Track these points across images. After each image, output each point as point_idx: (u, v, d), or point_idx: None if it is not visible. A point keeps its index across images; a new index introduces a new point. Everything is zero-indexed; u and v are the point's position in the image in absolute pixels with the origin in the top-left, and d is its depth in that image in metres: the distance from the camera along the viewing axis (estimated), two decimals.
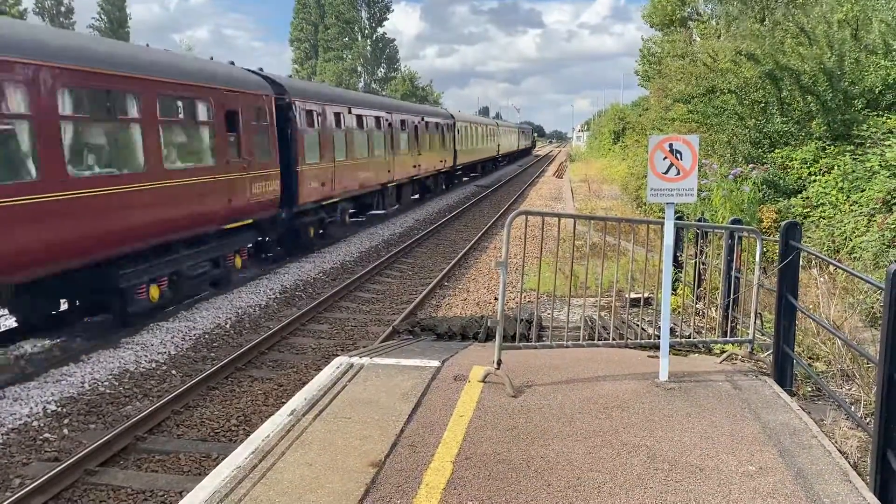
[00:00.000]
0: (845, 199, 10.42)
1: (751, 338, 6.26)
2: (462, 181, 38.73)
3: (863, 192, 10.07)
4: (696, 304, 7.80)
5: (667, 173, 5.31)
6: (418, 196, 28.36)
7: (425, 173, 27.56)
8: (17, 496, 5.29)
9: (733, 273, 6.78)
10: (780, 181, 11.92)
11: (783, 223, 5.67)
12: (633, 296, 8.87)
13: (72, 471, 5.80)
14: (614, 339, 6.64)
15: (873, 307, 7.37)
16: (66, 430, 6.79)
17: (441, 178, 31.76)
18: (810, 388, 5.89)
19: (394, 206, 23.87)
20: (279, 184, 13.89)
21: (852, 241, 9.38)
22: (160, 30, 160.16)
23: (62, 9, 60.74)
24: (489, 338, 7.58)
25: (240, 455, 4.29)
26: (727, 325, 6.68)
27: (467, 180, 40.05)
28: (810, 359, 6.44)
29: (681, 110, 17.74)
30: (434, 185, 30.58)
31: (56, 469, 5.70)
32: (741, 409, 4.96)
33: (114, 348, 9.06)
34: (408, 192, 25.88)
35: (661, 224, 5.66)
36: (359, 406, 5.05)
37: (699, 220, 9.23)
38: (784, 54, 14.24)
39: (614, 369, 5.86)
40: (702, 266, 8.03)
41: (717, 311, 7.16)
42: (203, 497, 3.79)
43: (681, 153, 5.28)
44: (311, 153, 15.47)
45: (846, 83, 12.52)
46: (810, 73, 12.93)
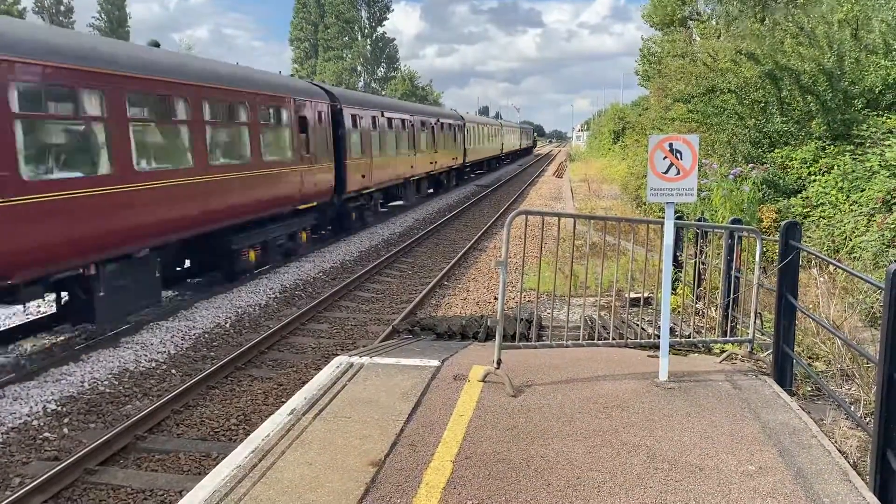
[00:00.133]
0: (845, 198, 10.42)
1: (750, 337, 6.27)
2: (471, 177, 41.03)
3: (863, 191, 10.07)
4: (696, 303, 7.81)
5: (667, 173, 5.31)
6: (432, 190, 30.84)
7: (440, 169, 30.18)
8: (16, 495, 5.29)
9: (733, 273, 6.78)
10: (780, 181, 11.92)
11: (783, 223, 5.67)
12: (632, 295, 8.87)
13: (71, 470, 5.80)
14: (614, 339, 6.65)
15: (873, 307, 7.38)
16: (65, 430, 6.79)
17: (453, 174, 34.35)
18: (810, 388, 5.90)
19: (414, 197, 26.36)
20: (333, 175, 16.86)
21: (852, 240, 9.39)
22: (160, 29, 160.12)
23: (62, 7, 60.70)
24: (489, 337, 7.58)
25: (240, 454, 4.29)
26: (727, 325, 6.68)
27: (475, 177, 42.13)
28: (810, 358, 6.45)
29: (681, 110, 17.73)
30: (447, 180, 33.00)
31: (56, 468, 5.70)
32: (741, 408, 4.96)
33: (113, 348, 9.06)
34: (425, 186, 28.68)
35: (661, 224, 5.67)
36: (359, 405, 5.05)
37: (699, 220, 9.23)
38: (784, 54, 14.24)
39: (614, 369, 5.86)
40: (702, 266, 8.04)
41: (716, 310, 7.16)
42: (203, 496, 3.79)
43: (681, 153, 5.29)
44: (355, 150, 18.45)
45: (846, 83, 12.51)
46: (810, 72, 12.92)
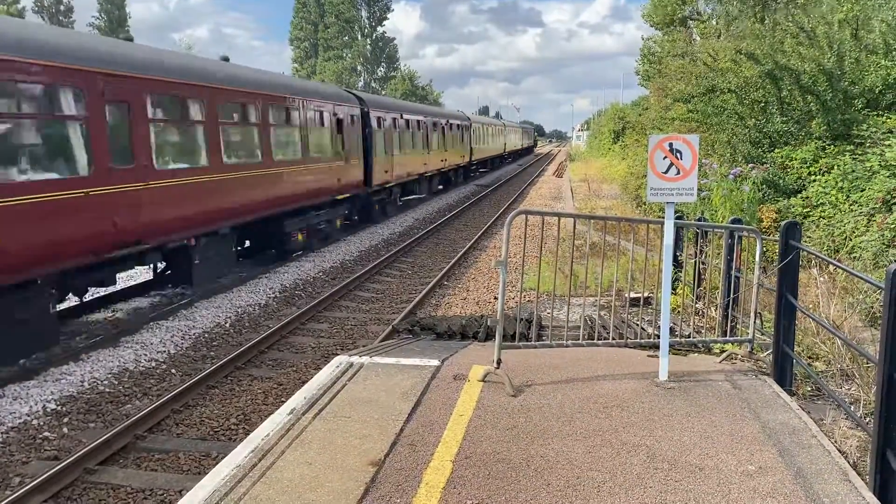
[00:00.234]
0: (845, 198, 10.42)
1: (750, 337, 6.27)
2: (476, 175, 43.38)
3: (862, 191, 10.07)
4: (696, 303, 7.81)
5: (667, 173, 5.31)
6: (442, 187, 33.29)
7: (449, 167, 32.82)
8: (16, 495, 5.29)
9: (733, 273, 6.78)
10: (780, 181, 11.92)
11: (783, 223, 5.67)
12: (632, 295, 8.87)
13: (71, 469, 5.80)
14: (614, 339, 6.64)
15: (873, 307, 7.38)
16: (65, 429, 6.79)
17: (460, 171, 37.10)
18: (810, 388, 5.90)
19: (426, 191, 28.83)
20: (362, 170, 19.29)
21: (852, 240, 9.38)
22: (160, 29, 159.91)
23: (61, 7, 60.67)
24: (489, 337, 7.58)
25: (239, 454, 4.29)
26: (727, 325, 6.68)
27: (479, 175, 44.19)
28: (810, 358, 6.45)
29: (681, 110, 17.73)
30: (455, 176, 35.70)
31: (56, 468, 5.70)
32: (741, 408, 4.96)
33: (113, 347, 9.06)
34: (436, 182, 31.25)
35: (661, 223, 5.67)
36: (358, 405, 5.05)
37: (699, 220, 9.23)
38: (784, 54, 14.24)
39: (614, 369, 5.86)
40: (701, 265, 8.04)
41: (716, 310, 7.16)
42: (203, 496, 3.79)
43: (681, 153, 5.29)
44: (380, 149, 20.85)
45: (846, 83, 12.51)
46: (810, 72, 12.92)
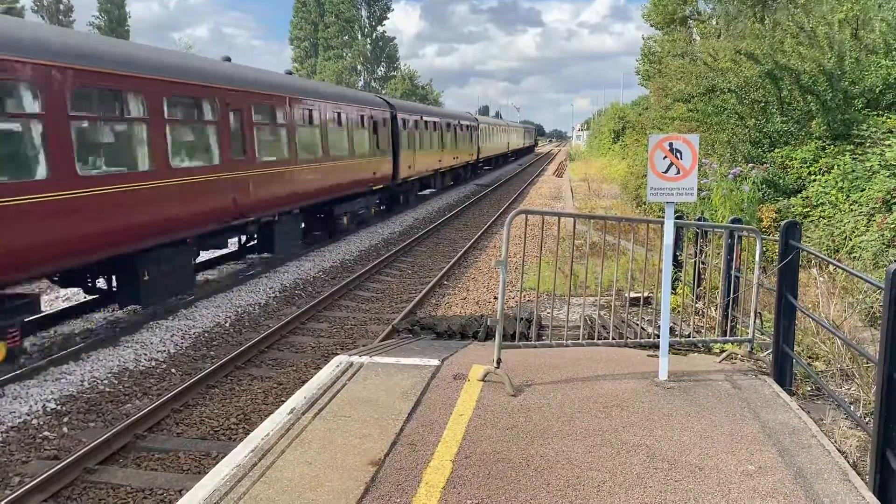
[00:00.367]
0: (845, 198, 10.42)
1: (750, 337, 6.27)
2: (482, 171, 46.94)
3: (862, 191, 10.06)
4: (696, 303, 7.81)
5: (667, 172, 5.31)
6: (452, 182, 36.20)
7: (460, 163, 36.06)
8: (16, 494, 5.29)
9: (733, 272, 6.78)
10: (780, 181, 11.92)
11: (783, 223, 5.67)
12: (632, 295, 8.87)
13: (71, 469, 5.79)
14: (614, 339, 6.65)
15: (873, 307, 7.38)
16: (65, 429, 6.79)
17: (469, 168, 40.33)
18: (810, 388, 5.91)
19: (440, 186, 32.05)
20: (391, 165, 22.32)
21: (852, 240, 9.38)
22: (159, 28, 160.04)
23: (61, 6, 60.61)
24: (489, 337, 7.58)
25: (239, 453, 4.30)
26: (727, 325, 6.68)
27: (484, 172, 47.46)
28: (810, 358, 6.45)
29: (681, 109, 17.72)
30: (464, 173, 38.94)
31: (55, 467, 5.70)
32: (741, 408, 4.96)
33: (113, 347, 9.06)
34: (448, 178, 34.29)
35: (661, 223, 5.67)
36: (358, 405, 5.05)
37: (699, 220, 9.23)
38: (784, 54, 14.23)
39: (614, 368, 5.86)
40: (701, 265, 8.04)
41: (716, 310, 7.16)
42: (203, 495, 3.79)
43: (681, 152, 5.29)
44: (404, 147, 23.90)
45: (846, 83, 12.50)
46: (810, 72, 12.91)
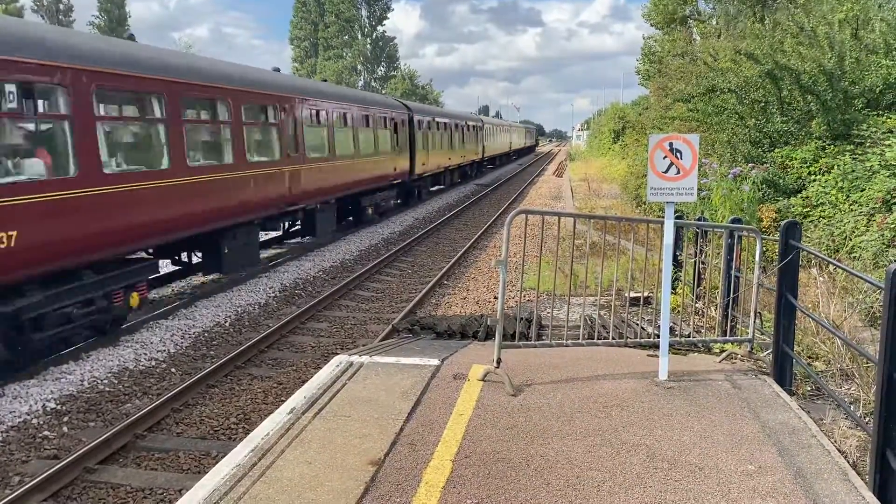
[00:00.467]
0: (845, 198, 10.42)
1: (750, 337, 6.27)
2: (486, 169, 49.21)
3: (862, 191, 10.06)
4: (696, 303, 7.81)
5: (667, 172, 5.31)
6: (460, 179, 38.66)
7: (467, 162, 38.58)
8: (16, 494, 5.29)
9: (733, 272, 6.78)
10: (780, 180, 11.92)
11: (783, 222, 5.67)
12: (632, 295, 8.87)
13: (71, 469, 5.79)
14: (614, 338, 6.65)
15: (873, 307, 7.38)
16: (65, 428, 6.79)
17: (475, 166, 42.90)
18: (810, 388, 5.91)
19: (449, 182, 34.82)
20: (408, 162, 24.60)
21: (852, 240, 9.38)
22: (159, 28, 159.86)
23: (61, 6, 60.59)
24: (489, 336, 7.58)
25: (239, 453, 4.30)
26: (727, 325, 6.68)
27: (487, 170, 49.46)
28: (810, 358, 6.45)
29: (681, 109, 17.72)
30: (471, 171, 41.58)
31: (55, 467, 5.70)
32: (740, 408, 4.96)
33: (113, 346, 9.06)
34: (456, 175, 36.78)
35: (661, 223, 5.67)
36: (358, 404, 5.05)
37: (699, 220, 9.23)
38: (784, 54, 14.23)
39: (614, 368, 5.86)
40: (701, 265, 8.04)
41: (716, 310, 7.16)
42: (202, 495, 3.79)
43: (681, 152, 5.29)
44: (419, 145, 26.19)
45: (846, 83, 12.50)
46: (810, 72, 12.91)
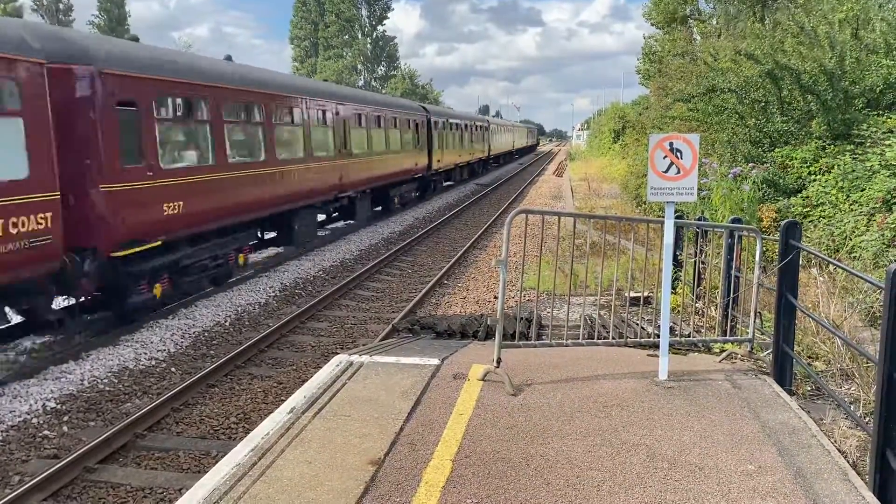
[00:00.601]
0: (845, 198, 10.41)
1: (750, 337, 6.27)
2: (493, 167, 51.81)
3: (863, 191, 10.06)
4: (696, 303, 7.81)
5: (667, 172, 5.31)
6: (469, 176, 41.12)
7: (475, 159, 41.62)
8: (16, 493, 5.30)
9: (733, 272, 6.78)
10: (780, 180, 11.91)
11: (783, 222, 5.67)
12: (632, 295, 8.87)
13: (71, 468, 5.79)
14: (614, 338, 6.65)
15: (873, 307, 7.38)
16: (65, 428, 6.79)
17: (482, 163, 45.84)
18: (810, 388, 5.91)
19: (460, 178, 37.61)
20: (427, 158, 27.70)
21: (852, 240, 9.38)
22: (159, 27, 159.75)
23: (60, 6, 60.54)
24: (489, 336, 7.59)
25: (239, 453, 4.30)
26: (727, 324, 6.68)
27: (492, 168, 51.80)
28: (810, 358, 6.45)
29: (681, 109, 17.72)
30: (478, 168, 44.37)
31: (55, 466, 5.70)
32: (740, 408, 4.96)
33: (113, 346, 9.06)
34: (466, 172, 39.70)
35: (661, 223, 5.67)
36: (358, 404, 5.05)
37: (699, 219, 9.23)
38: (784, 54, 14.23)
39: (614, 368, 5.86)
40: (701, 265, 8.04)
41: (716, 310, 7.16)
42: (202, 494, 3.79)
43: (681, 152, 5.28)
44: (436, 144, 29.15)
45: (846, 82, 12.49)
46: (810, 72, 12.91)
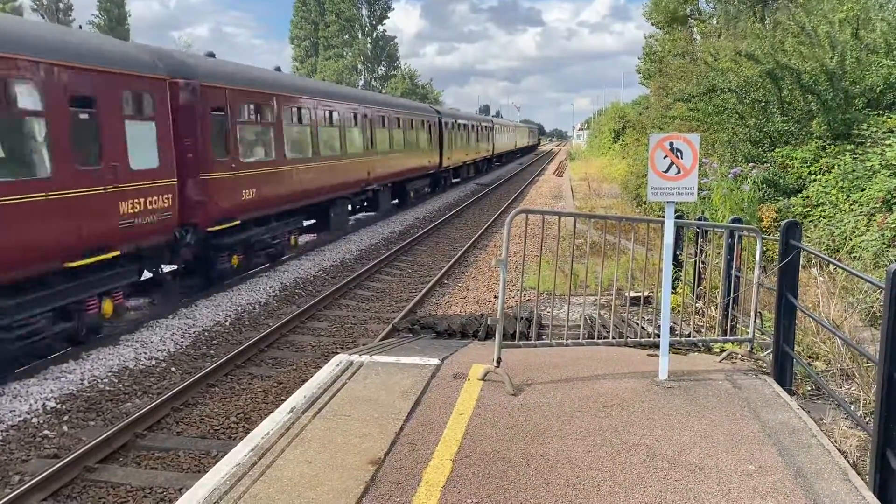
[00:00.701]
0: (845, 198, 10.41)
1: (750, 337, 6.27)
2: (496, 165, 54.04)
3: (863, 191, 10.05)
4: (696, 302, 7.81)
5: (667, 172, 5.31)
6: (474, 173, 43.32)
7: (480, 157, 44.09)
8: (16, 493, 5.30)
9: (733, 272, 6.78)
10: (780, 180, 11.91)
11: (783, 222, 5.66)
12: (632, 294, 8.87)
13: (71, 468, 5.80)
14: (614, 338, 6.64)
15: (873, 307, 7.38)
16: (65, 427, 6.79)
17: (486, 162, 48.14)
18: (810, 388, 5.90)
19: (465, 175, 39.57)
20: (439, 156, 30.43)
21: (852, 240, 9.38)
22: (159, 27, 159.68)
23: (60, 5, 60.53)
24: (489, 336, 7.59)
25: (239, 452, 4.30)
26: (727, 324, 6.68)
27: (495, 167, 53.77)
28: (810, 358, 6.45)
29: (681, 109, 17.71)
30: (482, 166, 46.77)
31: (55, 466, 5.70)
32: (741, 407, 4.96)
33: (113, 345, 9.07)
34: (472, 169, 42.13)
35: (661, 223, 5.66)
36: (358, 404, 5.05)
37: (699, 219, 9.22)
38: (784, 53, 14.22)
39: (614, 368, 5.86)
40: (702, 265, 8.03)
41: (716, 309, 7.16)
42: (202, 494, 3.79)
43: (681, 152, 5.28)
44: (446, 143, 31.59)
45: (847, 82, 12.48)
46: (811, 72, 12.90)
